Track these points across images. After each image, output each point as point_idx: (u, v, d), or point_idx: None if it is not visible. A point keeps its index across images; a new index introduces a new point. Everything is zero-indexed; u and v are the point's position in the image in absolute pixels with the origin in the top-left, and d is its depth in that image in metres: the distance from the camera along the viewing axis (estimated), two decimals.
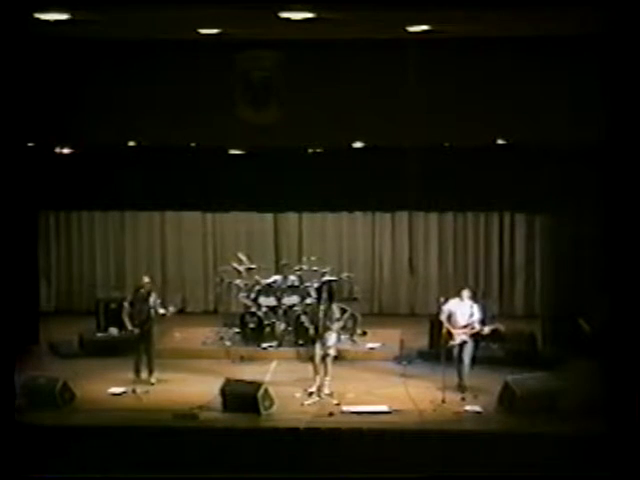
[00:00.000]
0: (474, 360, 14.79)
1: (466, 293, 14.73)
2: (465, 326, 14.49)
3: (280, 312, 17.31)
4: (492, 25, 13.55)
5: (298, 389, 14.66)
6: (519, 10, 12.15)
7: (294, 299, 17.31)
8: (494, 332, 14.85)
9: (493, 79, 15.20)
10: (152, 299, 15.39)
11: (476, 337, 14.70)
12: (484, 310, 15.03)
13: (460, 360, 14.54)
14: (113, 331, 17.37)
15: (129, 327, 15.28)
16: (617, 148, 12.18)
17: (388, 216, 19.98)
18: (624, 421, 11.88)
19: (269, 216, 20.04)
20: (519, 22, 13.18)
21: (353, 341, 17.28)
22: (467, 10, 12.17)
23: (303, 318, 16.01)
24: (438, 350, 15.08)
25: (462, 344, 14.53)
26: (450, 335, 14.53)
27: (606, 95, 12.35)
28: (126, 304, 15.39)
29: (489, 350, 16.03)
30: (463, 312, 14.55)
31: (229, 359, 16.43)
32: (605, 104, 12.38)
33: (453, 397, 14.24)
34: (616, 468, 11.72)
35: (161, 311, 15.42)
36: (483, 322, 14.67)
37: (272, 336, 17.14)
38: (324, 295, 14.79)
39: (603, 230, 13.05)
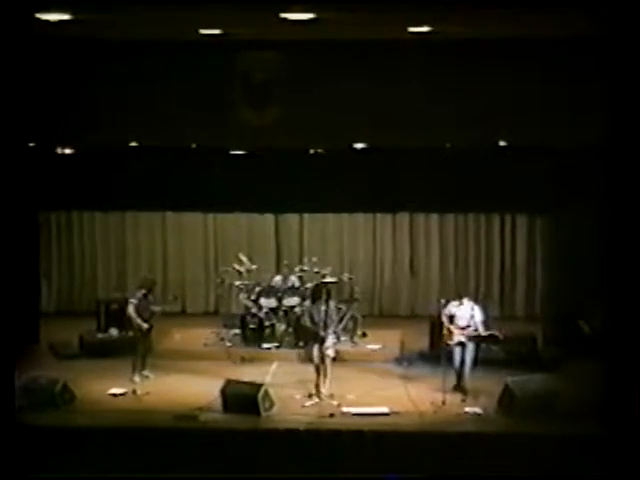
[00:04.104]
0: (475, 362, 14.77)
1: (466, 296, 14.73)
2: (464, 327, 14.47)
3: (281, 313, 17.29)
4: (493, 26, 13.54)
5: (298, 390, 14.66)
6: (519, 11, 12.14)
7: (295, 300, 17.29)
8: (491, 337, 14.80)
9: (494, 80, 15.20)
10: (151, 297, 15.42)
11: (477, 339, 14.69)
12: (485, 311, 15.01)
13: (462, 362, 14.52)
14: (113, 332, 17.37)
15: (138, 323, 15.21)
16: (618, 150, 12.16)
17: (389, 217, 19.99)
18: (624, 423, 11.86)
19: (270, 217, 20.05)
20: (520, 24, 13.17)
21: (353, 342, 17.27)
22: (468, 11, 12.15)
23: (304, 319, 15.98)
24: (438, 351, 15.07)
25: (463, 346, 14.50)
26: (451, 335, 14.52)
27: (607, 96, 12.33)
28: (134, 300, 15.35)
29: (489, 352, 15.99)
30: (463, 314, 14.54)
31: (229, 360, 16.42)
32: (606, 105, 12.36)
33: (453, 399, 14.22)
34: (616, 469, 11.70)
35: (157, 308, 15.44)
36: (485, 323, 14.65)
37: (273, 337, 17.12)
38: (323, 296, 14.72)
39: (604, 232, 13.03)
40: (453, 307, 14.63)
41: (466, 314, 14.52)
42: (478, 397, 14.32)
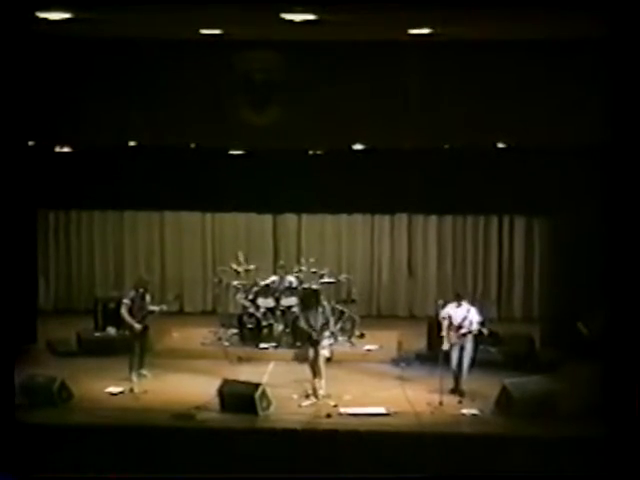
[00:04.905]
0: (473, 363, 14.78)
1: (464, 298, 14.73)
2: (458, 328, 14.47)
3: (278, 313, 17.30)
4: (493, 28, 13.54)
5: (296, 390, 14.66)
6: (520, 13, 12.15)
7: (292, 300, 17.28)
8: (480, 333, 14.81)
9: (493, 82, 15.19)
10: (147, 297, 15.42)
11: (476, 339, 14.70)
12: (482, 312, 15.00)
13: (459, 364, 14.51)
14: (111, 330, 17.35)
15: (131, 323, 15.20)
16: (618, 152, 12.18)
17: (387, 218, 20.01)
18: (622, 424, 11.88)
19: (268, 217, 20.06)
20: (520, 25, 13.18)
21: (351, 343, 17.27)
22: (468, 13, 12.16)
23: (299, 322, 15.98)
24: (436, 352, 15.07)
25: (461, 348, 14.49)
26: (448, 337, 14.52)
27: (608, 98, 12.35)
28: (126, 300, 15.34)
29: (487, 353, 16.03)
30: (459, 315, 14.53)
31: (227, 360, 16.41)
32: (607, 107, 12.38)
33: (450, 400, 14.22)
34: (614, 471, 11.72)
35: (155, 308, 15.43)
36: (482, 324, 14.65)
37: (270, 337, 17.13)
38: (313, 302, 14.72)
39: (602, 233, 13.05)
40: (450, 309, 14.65)
41: (461, 315, 14.52)
42: (475, 398, 14.33)
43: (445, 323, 14.57)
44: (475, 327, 14.48)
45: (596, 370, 13.28)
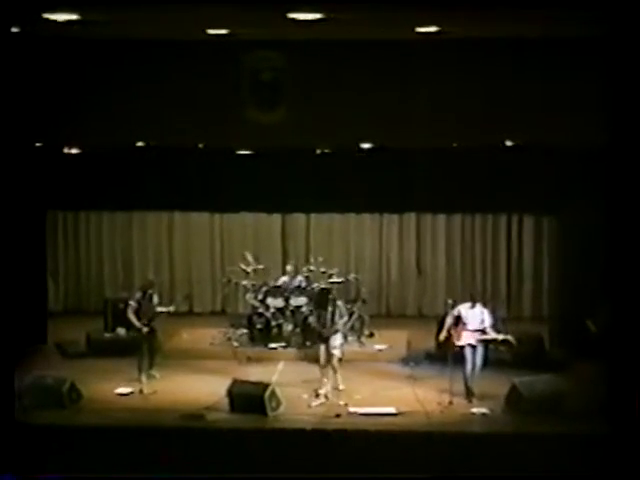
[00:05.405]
0: (485, 363, 14.71)
1: (478, 300, 14.65)
2: (475, 331, 14.38)
3: (288, 313, 17.30)
4: (499, 26, 13.51)
5: (305, 390, 14.66)
6: (525, 11, 12.11)
7: (301, 300, 17.30)
8: (504, 342, 14.71)
9: (501, 80, 15.15)
10: (155, 298, 15.41)
11: (491, 342, 14.64)
12: (494, 313, 14.96)
13: (473, 365, 14.42)
14: (121, 331, 17.34)
15: (137, 325, 15.20)
16: (623, 150, 12.14)
17: (396, 217, 20.00)
18: (630, 423, 11.84)
19: (277, 217, 20.07)
20: (525, 23, 13.15)
21: (360, 342, 17.28)
22: (475, 11, 12.13)
23: (310, 319, 15.99)
24: (445, 352, 15.04)
25: (474, 349, 14.41)
26: (458, 336, 14.44)
27: (615, 96, 12.31)
28: (132, 302, 15.35)
29: (496, 352, 15.97)
30: (474, 317, 14.43)
31: (236, 360, 16.43)
32: (614, 105, 12.34)
33: (460, 399, 14.21)
34: (622, 469, 11.68)
35: (163, 309, 15.42)
36: (494, 326, 14.58)
37: (279, 337, 17.15)
38: (327, 302, 14.72)
39: (611, 232, 13.00)
40: (463, 309, 14.55)
41: (477, 317, 14.42)
42: (485, 397, 14.30)
43: (450, 320, 14.49)
44: (493, 332, 14.35)
45: (605, 368, 13.24)
